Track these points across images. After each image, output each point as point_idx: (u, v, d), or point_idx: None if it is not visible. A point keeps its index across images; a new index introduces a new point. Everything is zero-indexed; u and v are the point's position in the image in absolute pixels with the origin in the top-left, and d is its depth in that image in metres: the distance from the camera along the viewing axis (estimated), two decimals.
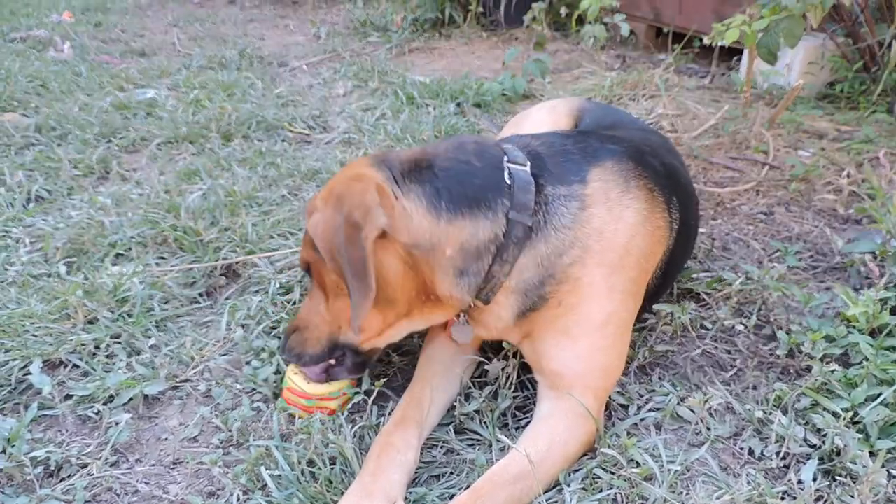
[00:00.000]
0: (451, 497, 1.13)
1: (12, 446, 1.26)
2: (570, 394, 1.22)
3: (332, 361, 1.33)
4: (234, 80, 3.67)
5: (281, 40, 5.18)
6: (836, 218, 2.21)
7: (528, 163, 1.26)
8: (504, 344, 1.40)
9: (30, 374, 1.46)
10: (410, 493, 1.18)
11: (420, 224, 1.16)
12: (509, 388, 1.37)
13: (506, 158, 1.25)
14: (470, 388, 1.40)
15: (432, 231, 1.17)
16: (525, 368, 1.38)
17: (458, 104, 3.23)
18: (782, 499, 1.14)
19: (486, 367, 1.40)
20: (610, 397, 1.39)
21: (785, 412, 1.32)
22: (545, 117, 1.85)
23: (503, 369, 1.38)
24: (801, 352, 1.46)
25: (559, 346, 1.24)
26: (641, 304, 1.39)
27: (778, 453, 1.23)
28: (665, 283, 1.49)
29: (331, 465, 1.20)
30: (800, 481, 1.17)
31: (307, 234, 1.22)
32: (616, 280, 1.25)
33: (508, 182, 1.22)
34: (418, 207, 1.17)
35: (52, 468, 1.27)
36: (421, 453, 1.25)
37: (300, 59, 4.42)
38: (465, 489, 1.11)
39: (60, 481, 1.25)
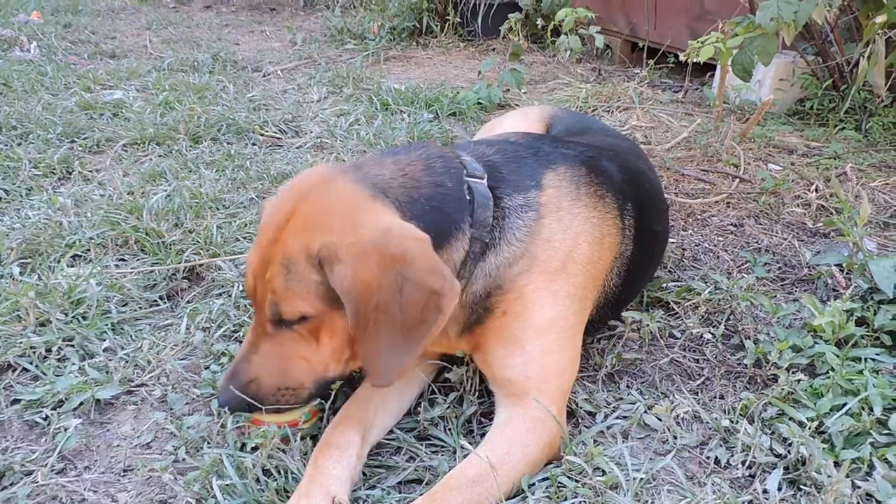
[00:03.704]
0: (410, 502, 1.09)
1: None
2: (526, 398, 1.20)
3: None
4: (206, 83, 3.62)
5: (256, 46, 5.14)
6: (804, 231, 2.23)
7: (485, 175, 1.25)
8: (457, 353, 1.37)
9: None
10: (367, 496, 1.14)
11: None
12: (474, 395, 1.34)
13: (465, 172, 1.24)
14: (434, 393, 1.36)
15: None
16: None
17: (434, 112, 3.22)
18: None
19: (446, 373, 1.37)
20: (576, 404, 1.37)
21: (751, 421, 1.31)
22: (517, 124, 1.84)
23: (465, 374, 1.35)
24: (767, 361, 1.46)
25: (508, 354, 1.23)
26: (602, 310, 1.39)
27: (744, 462, 1.22)
28: (629, 289, 1.49)
29: (284, 474, 1.15)
30: (765, 490, 1.16)
31: (308, 283, 1.08)
32: (559, 286, 1.25)
33: (468, 198, 1.22)
34: None
35: None
36: (376, 453, 1.22)
37: (275, 65, 4.38)
38: None
39: (2, 489, 1.18)
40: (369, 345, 1.07)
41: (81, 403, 1.36)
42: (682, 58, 2.50)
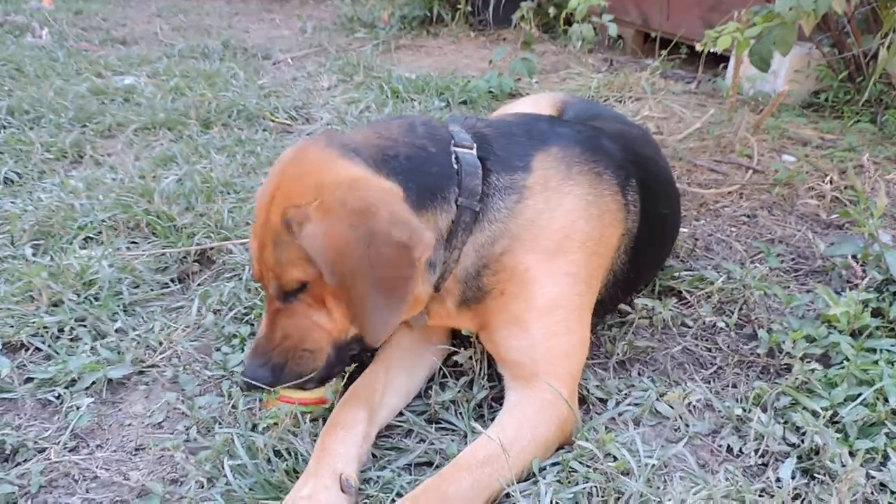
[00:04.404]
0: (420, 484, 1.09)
1: None
2: (534, 381, 1.19)
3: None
4: (217, 69, 3.62)
5: (266, 34, 5.12)
6: (818, 222, 2.21)
7: (475, 145, 1.25)
8: (463, 331, 1.36)
9: None
10: (378, 477, 1.15)
11: None
12: (484, 379, 1.34)
13: (452, 141, 1.24)
14: (445, 377, 1.36)
15: None
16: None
17: (446, 101, 3.21)
18: (760, 496, 1.11)
19: (455, 357, 1.37)
20: (587, 391, 1.36)
21: (764, 410, 1.30)
22: (528, 109, 1.83)
23: (472, 358, 1.34)
24: (781, 351, 1.45)
25: (512, 336, 1.23)
26: (611, 290, 1.38)
27: (756, 451, 1.21)
28: (635, 270, 1.46)
29: (294, 455, 1.16)
30: (778, 479, 1.15)
31: (293, 249, 1.09)
32: (556, 265, 1.24)
33: (455, 167, 1.21)
34: None
35: (8, 452, 1.21)
36: (387, 435, 1.23)
37: (285, 53, 4.37)
38: None
39: (16, 465, 1.19)
40: (354, 304, 1.09)
41: (94, 383, 1.37)
42: (697, 48, 2.47)
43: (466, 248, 1.21)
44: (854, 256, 1.80)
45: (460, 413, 1.29)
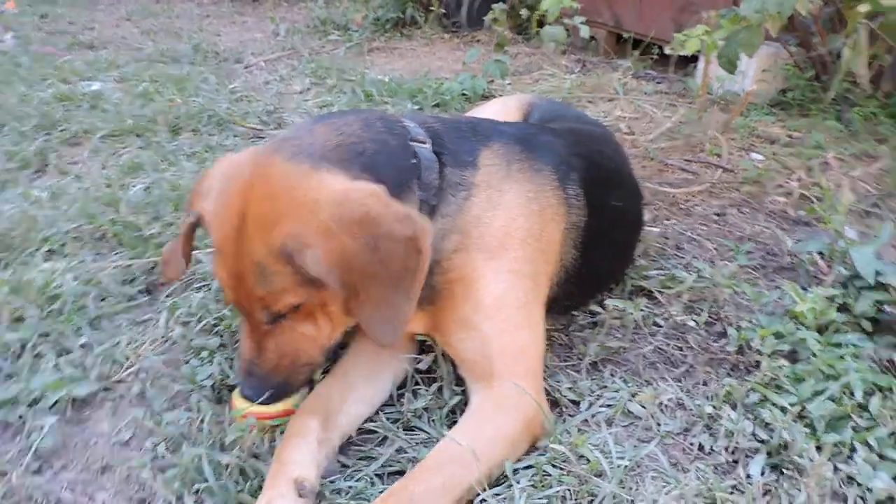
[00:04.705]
0: None
1: None
2: (493, 380, 1.20)
3: None
4: (187, 74, 3.57)
5: (238, 37, 5.07)
6: (786, 219, 2.24)
7: (429, 141, 1.25)
8: (417, 336, 1.37)
9: None
10: (350, 487, 1.14)
11: None
12: (455, 385, 1.33)
13: (409, 136, 1.24)
14: (418, 384, 1.35)
15: None
16: None
17: (418, 103, 3.20)
18: (731, 493, 1.12)
19: (418, 364, 1.36)
20: (560, 393, 1.36)
21: (734, 407, 1.31)
22: (497, 111, 1.84)
23: (444, 365, 1.34)
24: (750, 348, 1.46)
25: (464, 337, 1.24)
26: (565, 286, 1.41)
27: (727, 448, 1.23)
28: (589, 265, 1.47)
29: (261, 476, 1.14)
30: (748, 476, 1.16)
31: (286, 277, 1.06)
32: (500, 263, 1.25)
33: (414, 161, 1.21)
34: None
35: None
36: (360, 444, 1.24)
37: (257, 56, 4.33)
38: None
39: None
40: (365, 309, 1.07)
41: (57, 401, 1.34)
42: (667, 51, 2.49)
43: None
44: (821, 253, 1.83)
45: (433, 420, 1.28)
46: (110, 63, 3.85)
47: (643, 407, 1.33)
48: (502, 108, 1.86)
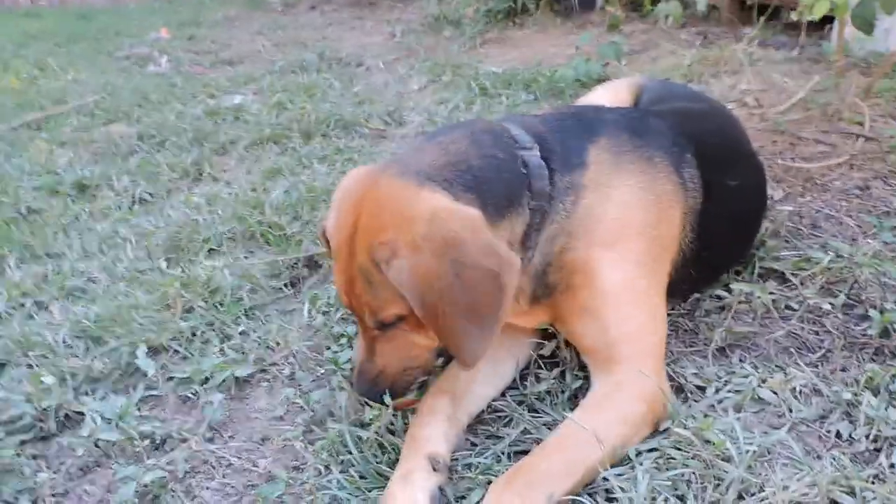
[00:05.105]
0: None
1: (123, 421, 1.40)
2: (613, 364, 1.23)
3: None
4: (314, 81, 3.83)
5: (358, 41, 5.33)
6: None
7: (536, 146, 1.27)
8: (538, 325, 1.40)
9: (136, 358, 1.60)
10: (478, 463, 1.22)
11: None
12: (577, 369, 1.37)
13: (516, 145, 1.26)
14: (540, 368, 1.41)
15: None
16: None
17: (533, 93, 3.22)
18: (871, 482, 1.08)
19: (541, 350, 1.41)
20: (685, 379, 1.36)
21: (877, 394, 1.25)
22: (606, 96, 1.84)
23: (559, 348, 1.39)
24: (895, 331, 1.38)
25: (583, 325, 1.27)
26: (682, 270, 1.39)
27: (867, 436, 1.17)
28: (707, 248, 1.44)
29: (395, 449, 1.25)
30: (892, 465, 1.11)
31: (387, 287, 1.11)
32: (616, 254, 1.27)
33: (524, 171, 1.24)
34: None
35: (158, 442, 1.39)
36: (487, 423, 1.31)
37: (376, 58, 4.53)
38: None
39: (164, 454, 1.36)
40: (445, 332, 1.11)
41: (224, 381, 1.53)
42: (793, 17, 2.34)
43: (538, 244, 1.26)
44: None
45: (555, 403, 1.33)
46: (248, 77, 4.20)
47: (774, 393, 1.29)
48: (612, 93, 1.86)
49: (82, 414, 1.44)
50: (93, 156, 3.04)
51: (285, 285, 1.91)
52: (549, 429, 1.28)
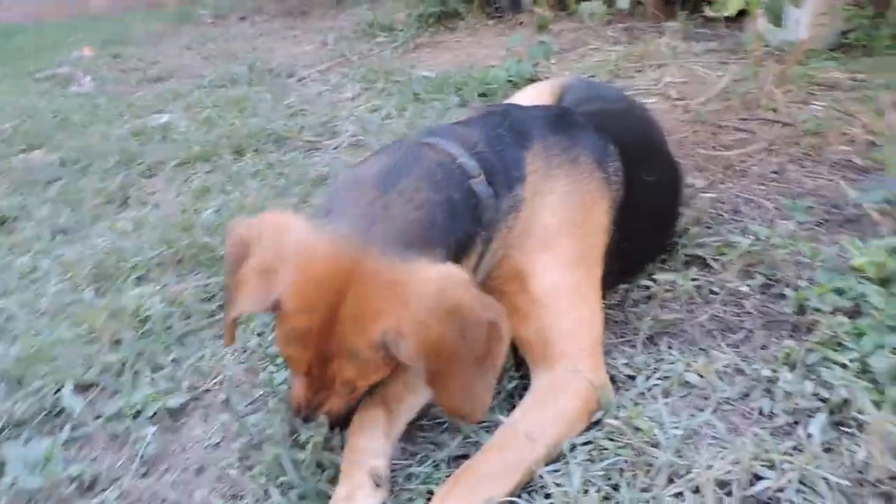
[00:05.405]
0: None
1: (49, 466, 1.34)
2: (549, 360, 1.26)
3: None
4: (245, 94, 3.76)
5: (290, 51, 5.26)
6: (851, 169, 2.15)
7: (481, 173, 1.26)
8: None
9: (62, 397, 1.54)
10: (418, 473, 1.22)
11: None
12: (513, 370, 1.39)
13: (466, 176, 1.24)
14: None
15: None
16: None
17: (462, 96, 3.24)
18: (791, 454, 1.12)
19: None
20: (617, 370, 1.39)
21: (793, 368, 1.30)
22: (530, 97, 1.88)
23: None
24: (809, 308, 1.44)
25: (521, 323, 1.29)
26: (606, 262, 1.42)
27: (786, 410, 1.22)
28: (626, 238, 1.48)
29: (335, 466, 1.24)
30: (809, 435, 1.16)
31: (377, 361, 1.08)
32: (547, 256, 1.31)
33: (475, 202, 1.24)
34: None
35: (87, 483, 1.34)
36: (425, 430, 1.32)
37: (309, 68, 4.48)
38: None
39: (95, 496, 1.31)
40: (447, 391, 1.09)
41: (156, 412, 1.49)
42: (708, 13, 2.43)
43: (481, 266, 1.29)
44: (889, 201, 1.76)
45: (493, 406, 1.34)
46: (175, 93, 4.10)
47: (700, 376, 1.34)
48: (535, 95, 1.89)
49: (3, 463, 1.37)
50: (11, 185, 2.91)
51: (218, 308, 1.87)
52: (489, 433, 1.29)
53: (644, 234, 1.61)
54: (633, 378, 1.39)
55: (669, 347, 1.47)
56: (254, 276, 1.11)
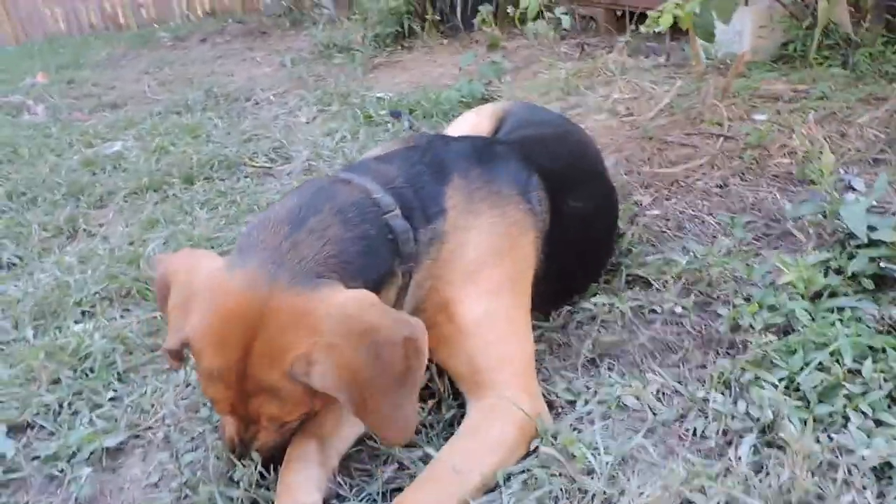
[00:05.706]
0: None
1: None
2: (483, 390, 1.27)
3: None
4: (199, 121, 3.73)
5: (248, 74, 5.24)
6: (790, 181, 2.21)
7: (398, 207, 1.27)
8: None
9: None
10: None
11: None
12: (451, 399, 1.38)
13: (381, 212, 1.25)
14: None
15: None
16: None
17: (417, 118, 3.25)
18: (723, 476, 1.14)
19: None
20: (556, 395, 1.40)
21: (728, 387, 1.32)
22: (470, 123, 1.90)
23: (439, 379, 1.40)
24: (743, 326, 1.46)
25: (450, 355, 1.31)
26: (537, 287, 1.44)
27: (718, 431, 1.24)
28: (557, 263, 1.50)
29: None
30: (739, 458, 1.17)
31: (298, 393, 1.08)
32: (473, 287, 1.31)
33: (391, 237, 1.24)
34: None
35: None
36: (363, 463, 1.32)
37: (266, 91, 4.47)
38: None
39: None
40: (373, 415, 1.09)
41: (92, 453, 1.45)
42: (642, 30, 2.49)
43: (406, 300, 1.29)
44: (824, 214, 1.80)
45: (430, 436, 1.34)
46: (129, 121, 4.04)
47: (637, 399, 1.35)
48: (475, 121, 1.91)
49: None
50: None
51: (163, 341, 1.83)
52: (424, 463, 1.28)
53: (579, 257, 1.63)
54: (572, 403, 1.40)
55: (610, 370, 1.48)
56: (172, 314, 1.14)
